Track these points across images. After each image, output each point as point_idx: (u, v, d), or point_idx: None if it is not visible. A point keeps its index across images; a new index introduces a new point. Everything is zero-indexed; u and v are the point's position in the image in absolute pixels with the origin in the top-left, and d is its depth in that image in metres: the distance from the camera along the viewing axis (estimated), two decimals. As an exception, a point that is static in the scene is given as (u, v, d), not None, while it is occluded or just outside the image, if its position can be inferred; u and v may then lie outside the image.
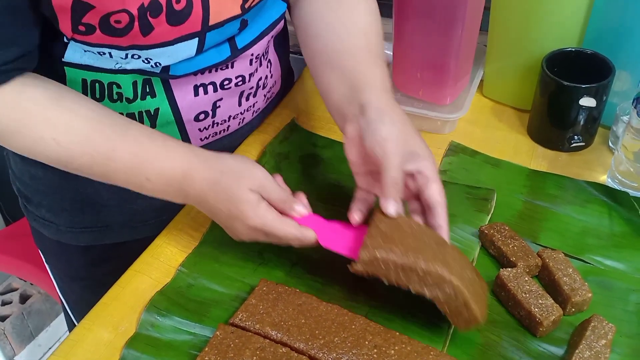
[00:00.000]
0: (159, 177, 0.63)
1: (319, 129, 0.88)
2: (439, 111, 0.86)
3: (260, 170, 0.63)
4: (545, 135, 0.85)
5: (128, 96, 0.69)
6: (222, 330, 0.59)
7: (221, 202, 0.62)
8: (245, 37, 0.71)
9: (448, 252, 0.59)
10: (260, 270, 0.68)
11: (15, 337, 1.61)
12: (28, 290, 1.65)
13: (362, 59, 0.69)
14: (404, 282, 0.58)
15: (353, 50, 0.70)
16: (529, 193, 0.78)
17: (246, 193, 0.61)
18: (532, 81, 0.85)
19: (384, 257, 0.58)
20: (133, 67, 0.66)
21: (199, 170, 0.63)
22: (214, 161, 0.64)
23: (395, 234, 0.60)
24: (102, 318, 0.64)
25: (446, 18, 0.79)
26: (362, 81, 0.67)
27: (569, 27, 0.83)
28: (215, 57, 0.70)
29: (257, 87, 0.79)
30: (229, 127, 0.79)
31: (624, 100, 0.83)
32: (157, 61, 0.66)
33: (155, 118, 0.72)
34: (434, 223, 0.62)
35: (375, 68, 0.68)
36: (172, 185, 0.63)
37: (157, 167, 0.63)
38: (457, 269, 0.58)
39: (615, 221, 0.74)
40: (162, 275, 0.68)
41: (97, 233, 0.79)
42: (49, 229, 0.81)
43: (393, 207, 0.61)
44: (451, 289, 0.57)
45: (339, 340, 0.58)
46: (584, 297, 0.63)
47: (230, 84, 0.74)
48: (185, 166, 0.63)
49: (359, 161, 0.65)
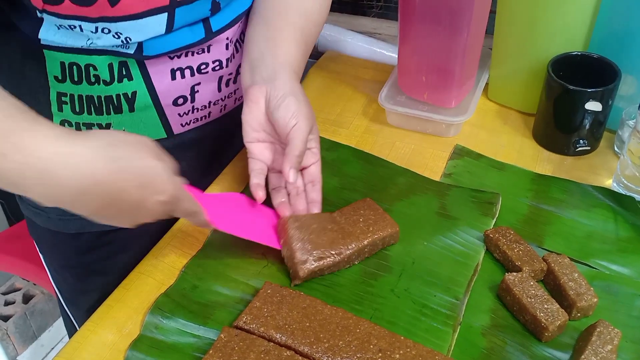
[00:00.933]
0: (17, 152, 0.50)
1: (322, 132, 0.88)
2: (444, 114, 0.86)
3: (149, 140, 0.58)
4: (550, 139, 0.85)
5: (105, 78, 0.69)
6: (227, 333, 0.59)
7: (124, 178, 0.54)
8: (219, 21, 0.72)
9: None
10: (265, 273, 0.68)
11: (18, 337, 1.61)
12: (31, 290, 1.65)
13: (291, 35, 0.73)
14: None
15: (287, 23, 0.74)
16: (534, 197, 0.78)
17: (151, 160, 0.56)
18: (537, 85, 0.85)
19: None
20: (104, 43, 0.66)
21: (81, 148, 0.52)
22: (94, 136, 0.54)
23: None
24: (106, 320, 0.64)
25: (452, 21, 0.79)
26: (283, 52, 0.71)
27: (574, 31, 0.83)
28: (189, 37, 0.70)
29: (237, 73, 0.79)
30: (210, 114, 0.79)
31: (630, 105, 0.82)
32: (127, 36, 0.66)
33: (133, 101, 0.72)
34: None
35: (298, 49, 0.73)
36: (34, 165, 0.51)
37: (19, 140, 0.50)
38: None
39: (621, 226, 0.74)
40: (166, 277, 0.68)
41: (85, 221, 0.75)
42: (40, 217, 0.81)
43: (294, 175, 0.67)
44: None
45: (343, 344, 0.58)
46: (589, 302, 0.63)
47: (207, 69, 0.74)
48: (61, 143, 0.52)
49: (256, 127, 0.70)
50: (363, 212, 0.70)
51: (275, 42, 0.72)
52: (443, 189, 0.78)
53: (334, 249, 0.66)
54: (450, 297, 0.65)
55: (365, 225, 0.68)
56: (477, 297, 0.66)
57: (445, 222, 0.73)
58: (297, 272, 0.65)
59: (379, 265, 0.69)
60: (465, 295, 0.65)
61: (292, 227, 0.67)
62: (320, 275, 0.67)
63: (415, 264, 0.69)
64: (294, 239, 0.66)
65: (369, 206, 0.71)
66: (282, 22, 0.74)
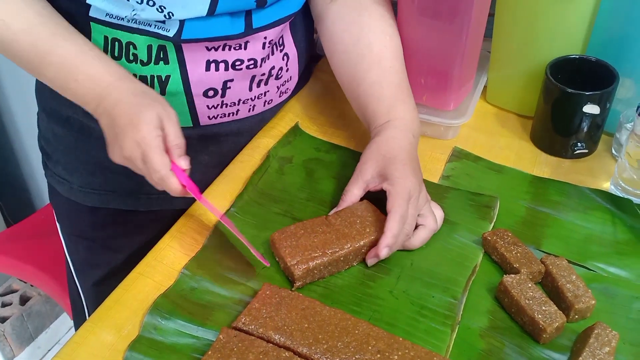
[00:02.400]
0: (86, 79, 0.67)
1: (322, 134, 0.89)
2: (442, 117, 0.86)
3: (174, 113, 0.67)
4: (548, 142, 0.86)
5: (142, 58, 0.73)
6: (225, 334, 0.59)
7: (127, 109, 0.65)
8: (262, 18, 0.74)
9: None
10: (263, 274, 0.68)
11: (15, 339, 1.61)
12: (28, 291, 1.65)
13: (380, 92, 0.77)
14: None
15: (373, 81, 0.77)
16: (532, 199, 0.78)
17: (152, 112, 0.64)
18: (535, 88, 0.85)
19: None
20: (147, 17, 0.69)
21: (126, 82, 0.67)
22: (142, 84, 0.69)
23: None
24: (104, 321, 0.64)
25: (451, 24, 0.79)
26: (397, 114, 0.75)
27: (573, 34, 0.83)
28: (229, 28, 0.72)
29: (270, 75, 0.81)
30: (239, 112, 0.81)
31: (628, 108, 0.83)
32: (170, 11, 0.68)
33: (165, 85, 0.75)
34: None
35: (404, 103, 0.76)
36: (94, 90, 0.66)
37: (89, 70, 0.67)
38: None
39: (619, 228, 0.74)
40: (165, 278, 0.68)
41: (104, 196, 0.84)
42: (63, 186, 0.87)
43: (385, 253, 0.66)
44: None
45: (342, 345, 0.58)
46: (587, 304, 0.63)
47: (241, 65, 0.76)
48: (115, 77, 0.67)
49: (369, 179, 0.71)
50: (360, 214, 0.70)
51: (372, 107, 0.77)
52: (441, 192, 0.78)
53: (328, 248, 0.66)
54: (448, 297, 0.65)
55: (362, 227, 0.69)
56: (475, 298, 0.66)
57: (444, 225, 0.73)
58: (293, 273, 0.65)
59: (377, 267, 0.69)
60: (463, 295, 0.66)
61: (279, 239, 0.67)
62: (319, 277, 0.67)
63: (413, 265, 0.69)
64: (282, 247, 0.66)
65: (367, 208, 0.71)
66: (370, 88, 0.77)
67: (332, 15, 0.80)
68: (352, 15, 0.79)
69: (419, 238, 0.69)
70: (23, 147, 1.78)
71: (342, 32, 0.79)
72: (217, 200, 0.77)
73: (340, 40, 0.79)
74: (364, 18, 0.79)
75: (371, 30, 0.78)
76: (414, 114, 0.76)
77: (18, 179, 1.83)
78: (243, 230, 0.72)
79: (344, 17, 0.79)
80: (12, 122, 1.73)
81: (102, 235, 0.89)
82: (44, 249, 1.32)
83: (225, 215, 0.74)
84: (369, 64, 0.77)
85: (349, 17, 0.79)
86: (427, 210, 0.70)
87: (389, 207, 0.66)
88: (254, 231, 0.73)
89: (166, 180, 0.64)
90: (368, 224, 0.69)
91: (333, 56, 0.81)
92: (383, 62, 0.77)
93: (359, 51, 0.78)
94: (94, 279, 0.92)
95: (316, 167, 0.82)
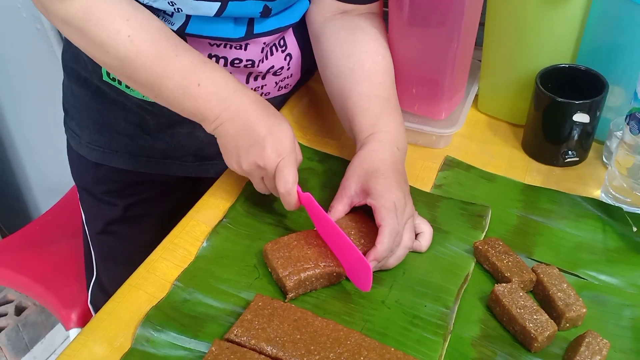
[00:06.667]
0: (210, 82, 0.69)
1: (315, 143, 0.89)
2: (434, 126, 0.87)
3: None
4: (539, 150, 0.86)
5: None
6: (217, 345, 0.59)
7: (265, 116, 0.69)
8: (263, 26, 0.77)
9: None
10: (256, 285, 0.68)
11: (11, 349, 1.61)
12: (23, 302, 1.65)
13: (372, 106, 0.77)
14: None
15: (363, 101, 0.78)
16: (523, 208, 0.78)
17: (288, 126, 0.69)
18: (526, 96, 0.86)
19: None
20: (159, 6, 0.71)
21: (247, 90, 0.71)
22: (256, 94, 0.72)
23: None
24: (97, 333, 0.64)
25: (441, 33, 0.80)
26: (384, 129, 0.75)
27: (562, 43, 0.84)
28: (230, 31, 0.75)
29: (267, 72, 0.84)
30: None
31: (618, 116, 0.83)
32: (179, 7, 0.71)
33: None
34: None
35: (394, 120, 0.77)
36: (219, 93, 0.69)
37: (212, 75, 0.69)
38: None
39: (609, 236, 0.74)
40: (157, 290, 0.68)
41: (107, 154, 0.91)
42: (74, 140, 0.94)
43: (374, 265, 0.66)
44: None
45: (334, 356, 0.58)
46: (578, 313, 0.63)
47: (240, 64, 0.80)
48: (236, 83, 0.71)
49: (352, 198, 0.71)
50: (355, 225, 0.70)
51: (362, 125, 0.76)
52: (433, 201, 0.79)
53: (321, 261, 0.66)
54: (440, 306, 0.66)
55: (357, 238, 0.69)
56: (467, 307, 0.66)
57: (436, 235, 0.73)
58: (285, 285, 0.65)
59: (369, 277, 0.69)
60: (455, 304, 0.66)
61: (272, 250, 0.68)
62: (312, 288, 0.67)
63: (405, 274, 0.69)
64: (274, 258, 0.67)
65: (362, 219, 0.71)
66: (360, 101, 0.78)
67: (327, 32, 0.81)
68: (347, 33, 0.80)
69: (396, 257, 0.69)
70: (18, 157, 1.78)
71: (334, 47, 0.80)
72: (210, 211, 0.77)
73: (332, 55, 0.80)
74: (357, 37, 0.80)
75: (364, 48, 0.79)
76: (400, 128, 0.76)
77: (13, 190, 1.83)
78: (236, 241, 0.73)
79: (338, 34, 0.80)
80: (7, 133, 1.74)
81: (100, 190, 0.96)
82: (38, 259, 1.32)
83: (220, 224, 0.74)
84: (358, 78, 0.78)
85: (344, 35, 0.80)
86: (409, 227, 0.69)
87: (377, 222, 0.66)
88: (247, 242, 0.73)
89: (291, 193, 0.68)
90: (362, 234, 0.69)
91: (325, 70, 0.82)
92: (373, 78, 0.78)
93: (350, 65, 0.78)
94: (96, 229, 1.00)
95: (309, 177, 0.83)
